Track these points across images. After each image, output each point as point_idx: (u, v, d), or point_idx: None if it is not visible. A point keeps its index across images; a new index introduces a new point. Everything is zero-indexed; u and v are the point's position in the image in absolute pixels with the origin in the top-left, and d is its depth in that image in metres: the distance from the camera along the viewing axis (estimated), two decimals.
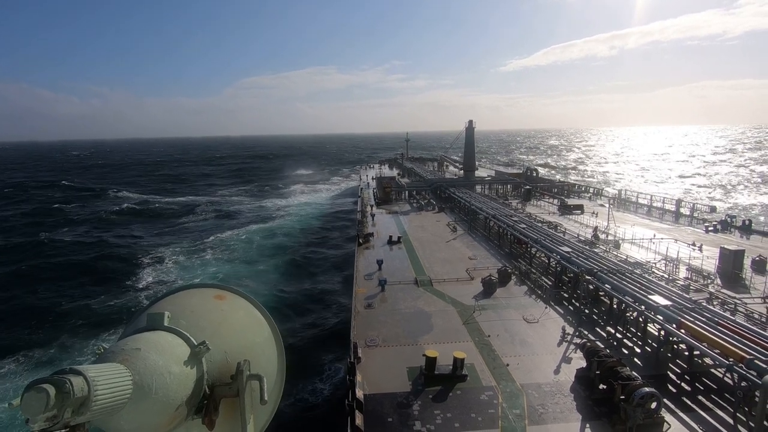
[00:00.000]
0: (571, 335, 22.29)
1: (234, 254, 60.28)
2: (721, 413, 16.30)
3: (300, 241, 68.30)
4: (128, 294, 45.94)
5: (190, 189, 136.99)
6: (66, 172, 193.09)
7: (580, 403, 16.81)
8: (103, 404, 2.60)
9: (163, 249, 62.81)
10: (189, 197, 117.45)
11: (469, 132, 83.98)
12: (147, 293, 45.70)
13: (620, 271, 25.67)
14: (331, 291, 46.58)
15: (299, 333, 36.89)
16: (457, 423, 15.82)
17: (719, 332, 17.89)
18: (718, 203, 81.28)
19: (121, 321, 38.01)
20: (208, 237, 69.86)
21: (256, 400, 3.67)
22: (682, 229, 45.12)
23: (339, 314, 39.67)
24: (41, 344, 35.29)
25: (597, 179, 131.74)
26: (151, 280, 50.45)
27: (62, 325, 38.70)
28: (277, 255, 59.55)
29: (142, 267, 55.02)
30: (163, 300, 4.24)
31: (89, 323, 38.84)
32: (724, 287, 28.43)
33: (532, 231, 36.90)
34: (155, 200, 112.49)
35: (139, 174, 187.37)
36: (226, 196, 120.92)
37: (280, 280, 49.65)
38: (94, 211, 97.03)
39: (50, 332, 37.41)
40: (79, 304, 43.40)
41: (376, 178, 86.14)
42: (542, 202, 64.83)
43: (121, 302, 43.46)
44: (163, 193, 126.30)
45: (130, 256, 59.55)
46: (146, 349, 3.16)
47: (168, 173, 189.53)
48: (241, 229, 74.51)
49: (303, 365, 31.27)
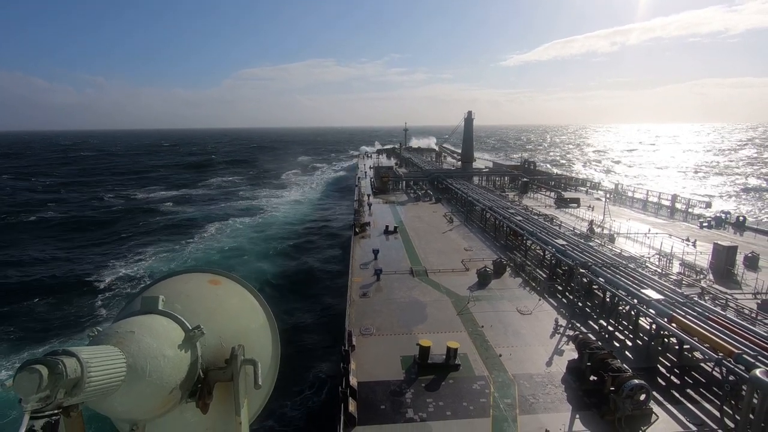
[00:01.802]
0: (563, 327, 22.52)
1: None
2: (709, 406, 16.58)
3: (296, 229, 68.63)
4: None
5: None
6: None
7: (570, 394, 17.05)
8: (96, 386, 2.61)
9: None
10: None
11: (467, 123, 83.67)
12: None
13: (614, 265, 25.85)
14: (326, 279, 46.72)
15: (294, 320, 37.06)
16: (449, 411, 16.02)
17: (709, 327, 18.12)
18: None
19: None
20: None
21: (251, 384, 3.69)
22: (676, 224, 45.40)
23: (334, 302, 39.85)
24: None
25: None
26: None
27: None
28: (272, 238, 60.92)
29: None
30: (158, 284, 4.23)
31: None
32: (716, 283, 28.72)
33: (528, 223, 37.02)
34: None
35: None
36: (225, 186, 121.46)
37: (275, 266, 49.86)
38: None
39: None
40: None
41: (373, 168, 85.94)
42: (539, 194, 64.95)
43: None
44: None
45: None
46: (140, 333, 3.16)
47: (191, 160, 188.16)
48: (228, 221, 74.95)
49: (297, 352, 31.48)
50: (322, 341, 33.31)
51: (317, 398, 26.59)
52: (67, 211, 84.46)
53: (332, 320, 35.82)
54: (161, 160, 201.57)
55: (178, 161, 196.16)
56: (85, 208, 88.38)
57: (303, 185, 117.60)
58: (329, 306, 39.69)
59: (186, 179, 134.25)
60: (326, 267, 50.53)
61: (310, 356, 31.22)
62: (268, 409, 4.46)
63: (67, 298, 41.51)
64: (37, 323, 36.54)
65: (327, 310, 38.97)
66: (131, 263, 51.71)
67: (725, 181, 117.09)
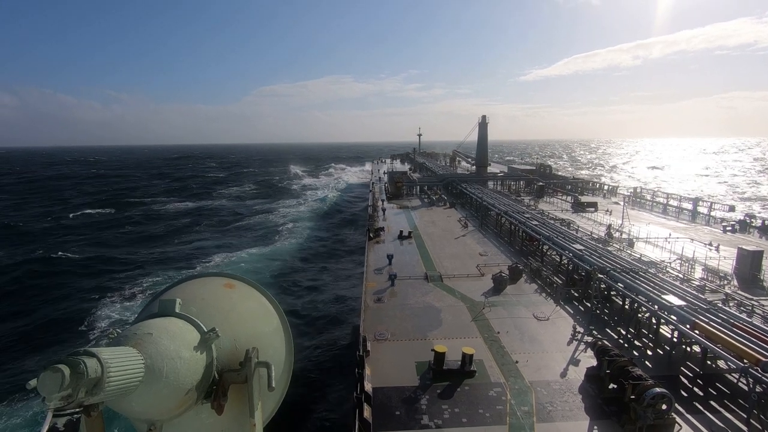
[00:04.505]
0: (581, 334, 22.08)
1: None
2: (733, 418, 15.98)
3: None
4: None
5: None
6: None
7: (589, 402, 16.68)
8: (115, 385, 2.68)
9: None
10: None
11: (482, 128, 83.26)
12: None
13: (634, 270, 25.30)
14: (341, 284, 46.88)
15: (308, 324, 37.23)
16: (465, 418, 15.83)
17: (735, 334, 17.55)
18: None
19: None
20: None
21: (264, 386, 3.73)
22: (698, 228, 44.23)
23: (349, 307, 39.91)
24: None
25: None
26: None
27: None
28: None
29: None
30: (174, 288, 4.33)
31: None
32: (740, 288, 27.82)
33: (544, 228, 36.53)
34: None
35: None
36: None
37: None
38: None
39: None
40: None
41: (387, 173, 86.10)
42: (555, 198, 64.09)
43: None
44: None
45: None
46: (158, 334, 3.24)
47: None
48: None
49: (311, 357, 31.59)
50: (335, 346, 33.36)
51: (331, 403, 26.59)
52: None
53: (347, 325, 35.91)
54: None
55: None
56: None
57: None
58: (343, 310, 39.79)
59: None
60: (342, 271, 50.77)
61: (324, 360, 31.28)
62: (282, 412, 4.50)
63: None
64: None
65: (341, 314, 39.07)
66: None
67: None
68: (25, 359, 32.52)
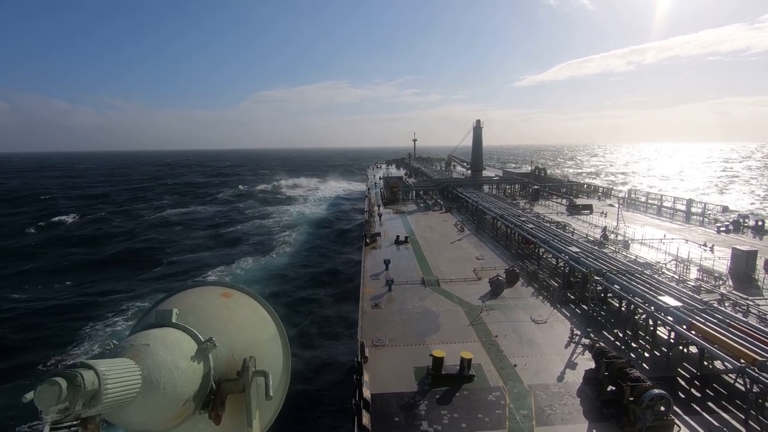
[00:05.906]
0: (579, 336, 22.10)
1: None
2: (731, 419, 16.02)
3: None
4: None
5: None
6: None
7: (588, 405, 16.68)
8: (113, 398, 2.67)
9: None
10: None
11: (476, 132, 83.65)
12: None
13: (629, 272, 25.42)
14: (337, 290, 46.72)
15: (305, 332, 37.04)
16: (464, 423, 15.78)
17: (731, 334, 17.64)
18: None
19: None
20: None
21: (262, 395, 3.72)
22: (692, 229, 44.56)
23: (346, 313, 39.78)
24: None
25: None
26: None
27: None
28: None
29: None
30: (171, 297, 4.31)
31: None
32: (736, 288, 28.01)
33: (540, 231, 36.67)
34: None
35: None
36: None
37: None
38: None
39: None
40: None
41: (383, 178, 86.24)
42: (550, 202, 64.42)
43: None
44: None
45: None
46: (155, 345, 3.23)
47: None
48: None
49: (309, 363, 31.41)
50: (333, 352, 33.20)
51: (330, 410, 26.42)
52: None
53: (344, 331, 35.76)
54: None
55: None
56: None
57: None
58: (340, 316, 39.63)
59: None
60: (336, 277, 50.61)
61: (321, 367, 31.11)
62: (280, 421, 4.48)
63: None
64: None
65: (338, 320, 38.92)
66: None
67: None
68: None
